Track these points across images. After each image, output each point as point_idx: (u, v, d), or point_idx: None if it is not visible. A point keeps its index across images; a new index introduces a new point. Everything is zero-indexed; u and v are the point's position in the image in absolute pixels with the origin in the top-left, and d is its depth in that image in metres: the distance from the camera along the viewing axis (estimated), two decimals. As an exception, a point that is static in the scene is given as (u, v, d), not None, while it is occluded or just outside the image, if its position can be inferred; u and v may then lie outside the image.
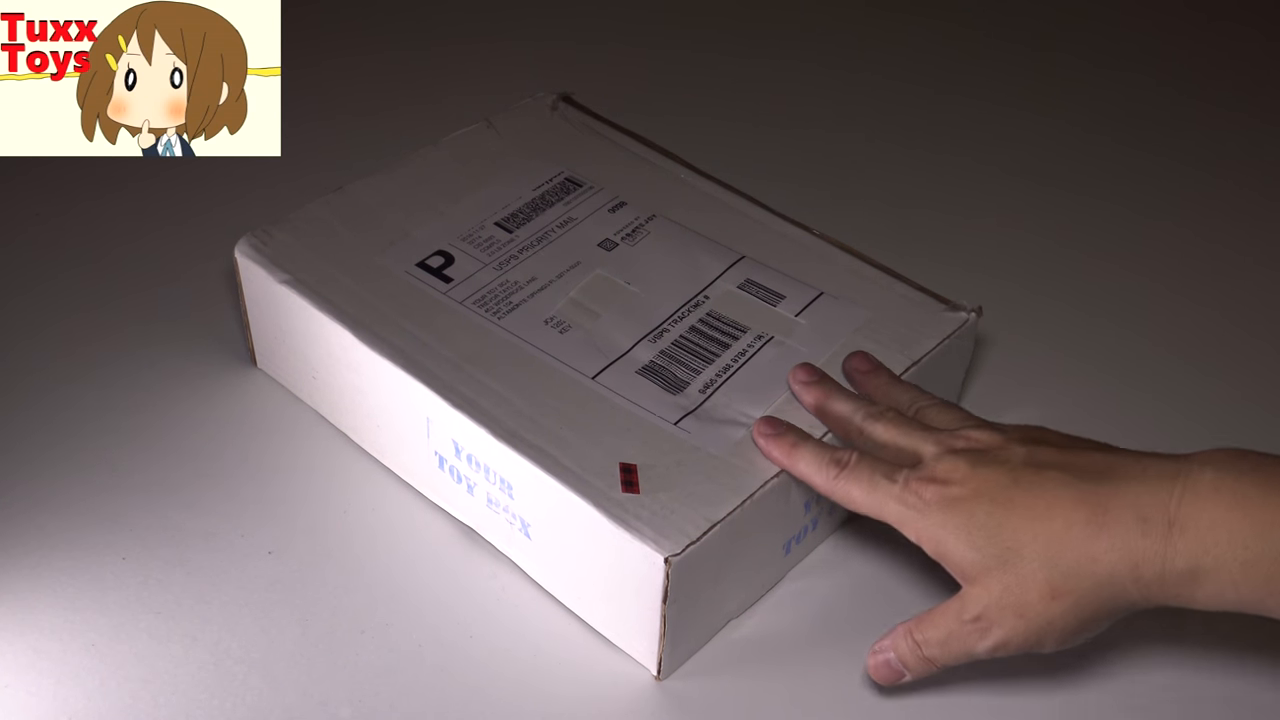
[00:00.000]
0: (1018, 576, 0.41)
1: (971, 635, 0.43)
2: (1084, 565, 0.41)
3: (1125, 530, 0.40)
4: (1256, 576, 0.38)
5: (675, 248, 0.57)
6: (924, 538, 0.43)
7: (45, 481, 0.54)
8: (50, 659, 0.48)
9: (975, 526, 0.42)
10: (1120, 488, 0.41)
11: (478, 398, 0.50)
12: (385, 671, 0.48)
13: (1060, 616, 0.41)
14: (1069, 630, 0.42)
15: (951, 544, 0.43)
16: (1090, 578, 0.41)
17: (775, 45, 0.85)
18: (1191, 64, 0.84)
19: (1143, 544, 0.40)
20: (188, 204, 0.69)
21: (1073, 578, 0.41)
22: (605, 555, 0.47)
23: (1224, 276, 0.68)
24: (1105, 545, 0.40)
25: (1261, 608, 0.39)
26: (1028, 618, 0.42)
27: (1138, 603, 0.41)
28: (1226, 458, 0.40)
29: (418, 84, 0.79)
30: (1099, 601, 0.41)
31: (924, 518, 0.43)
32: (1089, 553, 0.40)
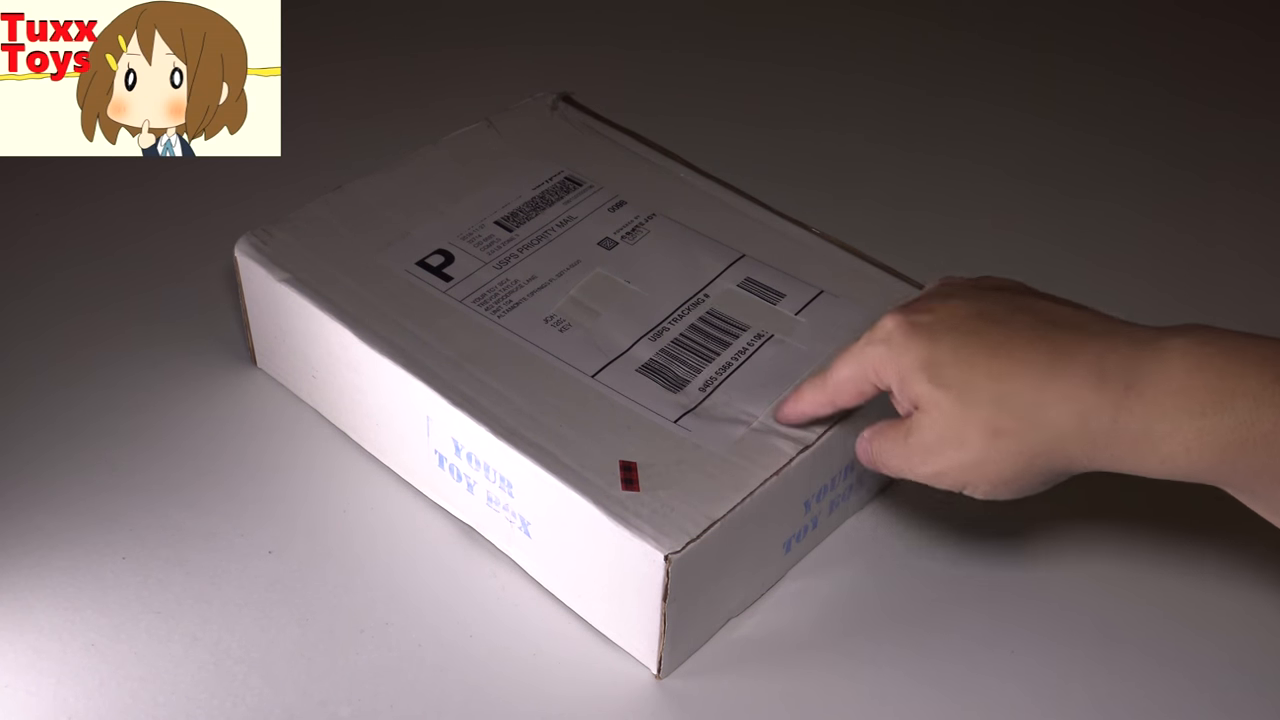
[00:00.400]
0: (963, 409, 0.41)
1: (912, 456, 0.43)
2: (1031, 409, 0.39)
3: (1080, 381, 0.39)
4: (1212, 444, 0.37)
5: (675, 246, 0.57)
6: (888, 368, 0.43)
7: (45, 481, 0.54)
8: (50, 659, 0.48)
9: (934, 354, 0.41)
10: (1085, 341, 0.40)
11: (478, 396, 0.50)
12: (385, 671, 0.48)
13: (998, 458, 0.40)
14: (1005, 475, 0.41)
15: (909, 369, 0.42)
16: (1035, 422, 0.39)
17: (775, 46, 0.85)
18: (1187, 64, 0.84)
19: (1095, 397, 0.38)
20: (188, 204, 0.69)
21: (1017, 418, 0.40)
22: (605, 553, 0.47)
23: (1222, 278, 0.68)
24: (1057, 393, 0.39)
25: (1211, 476, 0.38)
26: (966, 452, 0.41)
27: (1079, 461, 0.40)
28: (1199, 330, 0.39)
29: (418, 84, 0.79)
30: (1039, 450, 0.40)
31: (889, 347, 0.43)
32: (1039, 396, 0.39)
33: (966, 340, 0.41)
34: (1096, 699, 0.48)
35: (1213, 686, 0.49)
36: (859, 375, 0.45)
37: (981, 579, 0.52)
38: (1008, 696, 0.48)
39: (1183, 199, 0.73)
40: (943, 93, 0.81)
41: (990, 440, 0.40)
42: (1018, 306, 0.42)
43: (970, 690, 0.48)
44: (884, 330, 0.43)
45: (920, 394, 0.42)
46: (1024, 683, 0.49)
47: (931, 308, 0.43)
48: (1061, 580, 0.52)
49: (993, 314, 0.42)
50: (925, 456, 0.42)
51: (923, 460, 0.42)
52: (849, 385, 0.45)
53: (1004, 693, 0.48)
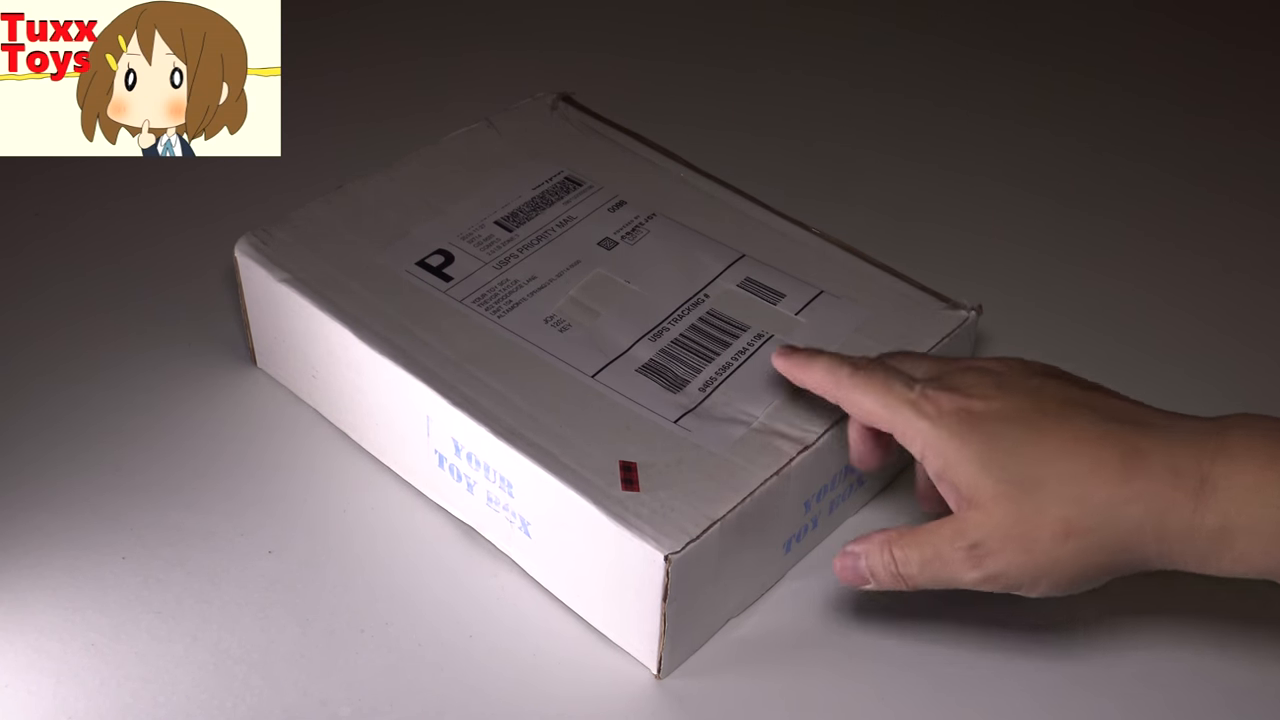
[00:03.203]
0: (1034, 508, 0.38)
1: (962, 563, 0.40)
2: (1108, 508, 0.38)
3: (1157, 479, 0.37)
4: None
5: (675, 246, 0.57)
6: (932, 450, 0.40)
7: (46, 481, 0.54)
8: (50, 659, 0.48)
9: (996, 448, 0.39)
10: (1153, 436, 0.38)
11: (478, 396, 0.50)
12: (385, 671, 0.48)
13: (1068, 558, 0.38)
14: (1070, 575, 0.39)
15: (964, 462, 0.39)
16: (1112, 522, 0.38)
17: (775, 50, 0.85)
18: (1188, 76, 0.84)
19: (1174, 496, 0.37)
20: (188, 204, 0.69)
21: (1094, 518, 0.38)
22: (605, 553, 0.47)
23: (1220, 284, 0.68)
24: (1134, 491, 0.37)
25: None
26: (1033, 554, 0.38)
27: (1151, 560, 0.38)
28: (1256, 421, 0.38)
29: (418, 84, 0.79)
30: (1113, 550, 0.38)
31: (937, 428, 0.40)
32: (1116, 495, 0.37)
33: (1031, 436, 0.39)
34: (1097, 699, 0.48)
35: (1213, 683, 0.49)
36: (884, 419, 0.42)
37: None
38: (1008, 696, 0.48)
39: (1183, 209, 0.73)
40: (944, 101, 0.81)
41: (1061, 542, 0.38)
42: (1070, 399, 0.40)
43: (970, 690, 0.48)
44: (934, 405, 0.40)
45: (979, 490, 0.39)
46: (1024, 683, 0.49)
47: (985, 395, 0.40)
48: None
49: (1048, 409, 0.40)
50: (979, 560, 0.39)
51: (974, 564, 0.39)
52: (864, 413, 0.43)
53: (1004, 693, 0.48)
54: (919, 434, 0.40)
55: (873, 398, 0.42)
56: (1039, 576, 0.39)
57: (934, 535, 0.40)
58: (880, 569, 0.42)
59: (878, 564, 0.42)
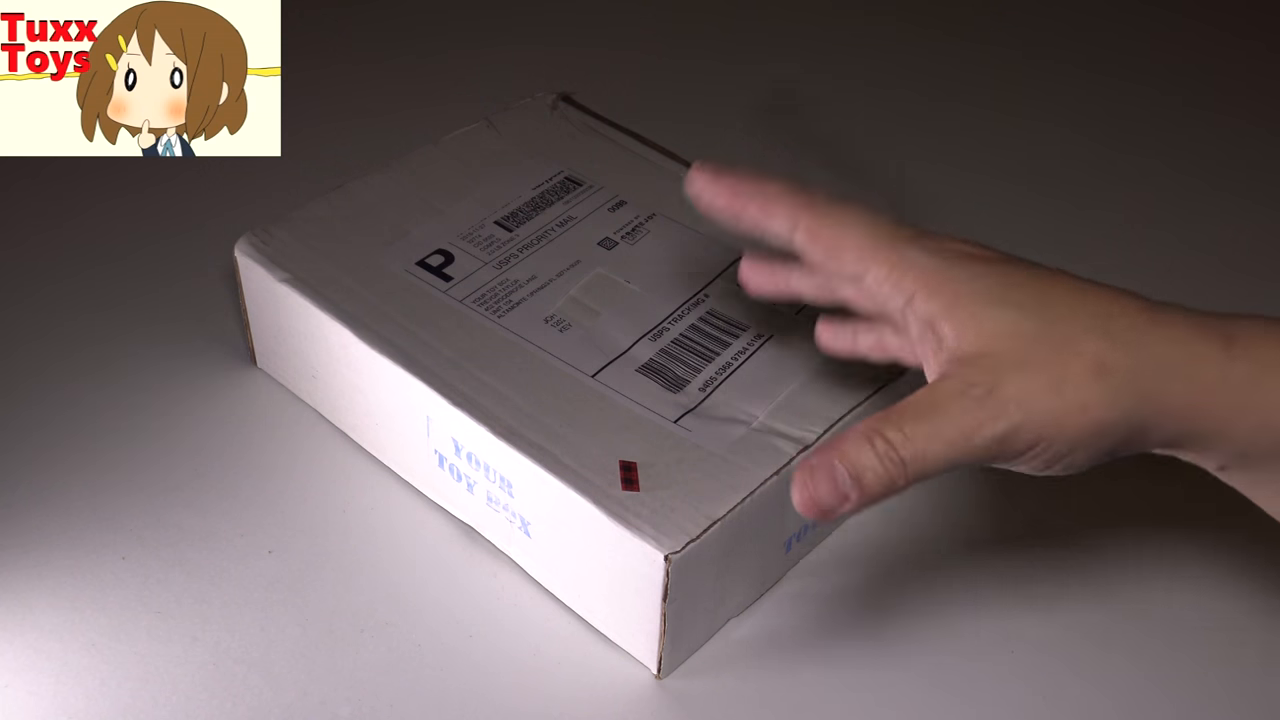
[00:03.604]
0: (1061, 340, 0.33)
1: (975, 416, 0.33)
2: (1140, 345, 0.33)
3: (1184, 325, 0.34)
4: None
5: (675, 246, 0.57)
6: (934, 285, 0.35)
7: (45, 481, 0.54)
8: (50, 659, 0.48)
9: (1013, 284, 0.34)
10: (1168, 304, 0.35)
11: (477, 396, 0.50)
12: (385, 671, 0.48)
13: (1099, 399, 0.33)
14: (1098, 426, 0.33)
15: (976, 296, 0.34)
16: (1148, 357, 0.33)
17: (774, 48, 0.85)
18: (1189, 70, 0.84)
19: (1202, 343, 0.34)
20: (188, 204, 0.69)
21: (1127, 354, 0.33)
22: (605, 553, 0.47)
23: (1222, 281, 0.68)
24: (1165, 335, 0.34)
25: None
26: (1063, 395, 0.33)
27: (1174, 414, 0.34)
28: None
29: (418, 83, 0.79)
30: (1144, 392, 0.33)
31: (942, 262, 0.35)
32: (1149, 336, 0.34)
33: (1045, 277, 0.35)
34: (1097, 699, 0.48)
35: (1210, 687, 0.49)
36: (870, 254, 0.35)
37: (982, 579, 0.52)
38: (1008, 697, 0.48)
39: (1185, 207, 0.73)
40: (941, 96, 0.81)
41: (1094, 379, 0.33)
42: None
43: (970, 690, 0.48)
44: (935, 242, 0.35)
45: (995, 323, 0.33)
46: (1024, 683, 0.49)
47: (984, 247, 0.36)
48: (1061, 581, 0.52)
49: (1060, 270, 0.36)
50: (997, 411, 0.33)
51: (992, 416, 0.33)
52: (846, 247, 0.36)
53: (1004, 693, 0.48)
54: (914, 268, 0.35)
55: (855, 225, 0.36)
56: (1063, 425, 0.33)
57: (935, 396, 0.34)
58: (872, 463, 0.34)
59: (866, 460, 0.34)
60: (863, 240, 0.36)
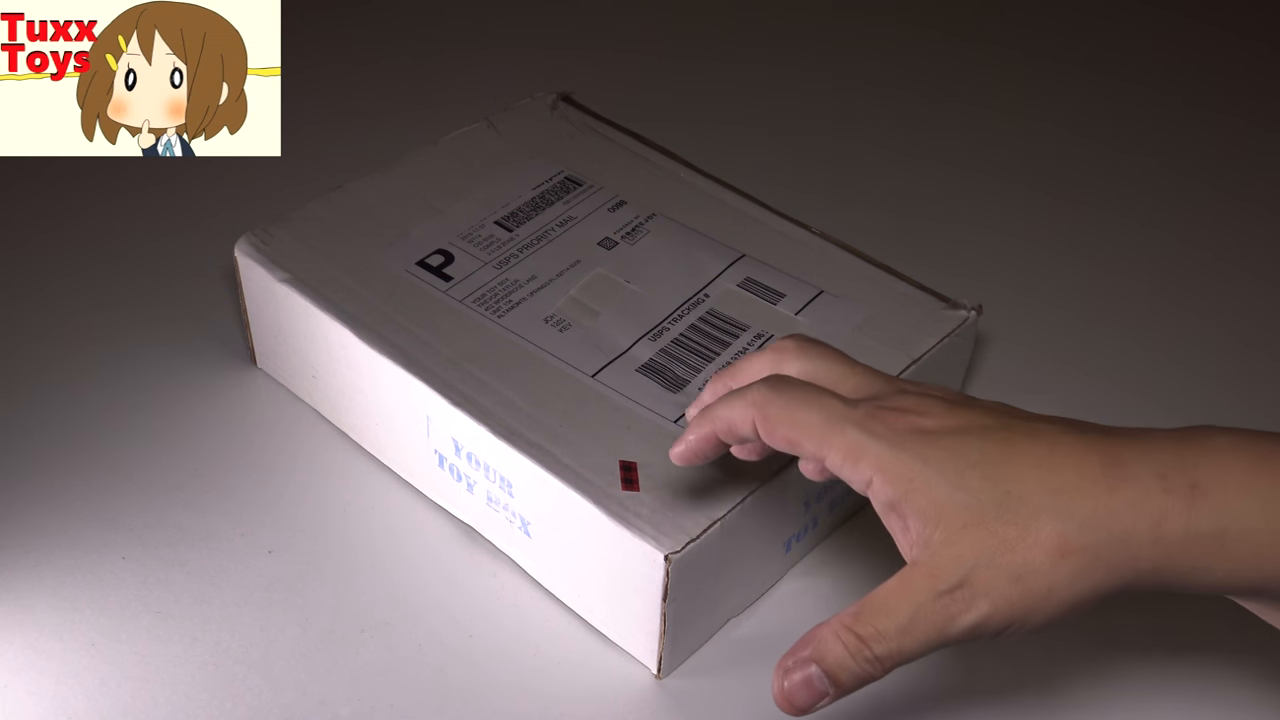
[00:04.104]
0: (1021, 529, 0.34)
1: (946, 611, 0.34)
2: (1101, 518, 0.34)
3: (1145, 486, 0.34)
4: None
5: (675, 246, 0.57)
6: (887, 474, 0.35)
7: (45, 481, 0.54)
8: (50, 659, 0.48)
9: (966, 464, 0.34)
10: (1130, 443, 0.35)
11: (477, 396, 0.50)
12: (385, 671, 0.48)
13: (1065, 581, 0.34)
14: (1067, 601, 0.35)
15: (930, 483, 0.34)
16: (1107, 533, 0.34)
17: (774, 47, 0.85)
18: (1188, 70, 0.84)
19: (1165, 500, 0.34)
20: (188, 204, 0.69)
21: (1089, 531, 0.34)
22: (605, 553, 0.47)
23: (1222, 280, 0.68)
24: (1125, 500, 0.34)
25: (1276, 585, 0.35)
26: (1025, 582, 0.34)
27: (1146, 574, 0.35)
28: (1229, 430, 0.36)
29: (418, 83, 0.79)
30: (1110, 565, 0.34)
31: (893, 448, 0.35)
32: (1107, 505, 0.34)
33: (1000, 450, 0.35)
34: (1097, 699, 0.48)
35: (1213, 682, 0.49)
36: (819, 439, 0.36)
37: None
38: (1008, 696, 0.48)
39: (1188, 206, 0.73)
40: (942, 96, 0.81)
41: (1057, 562, 0.34)
42: (1031, 415, 0.36)
43: (970, 690, 0.48)
44: (883, 424, 0.35)
45: (951, 515, 0.34)
46: (1024, 683, 0.49)
47: (938, 414, 0.36)
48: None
49: (1013, 423, 0.36)
50: (967, 602, 0.34)
51: (960, 610, 0.34)
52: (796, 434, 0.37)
53: (1004, 693, 0.48)
54: (869, 455, 0.35)
55: (805, 414, 0.36)
56: (1032, 609, 0.35)
57: (903, 592, 0.35)
58: (846, 662, 0.35)
59: (840, 658, 0.35)
60: (816, 428, 0.37)
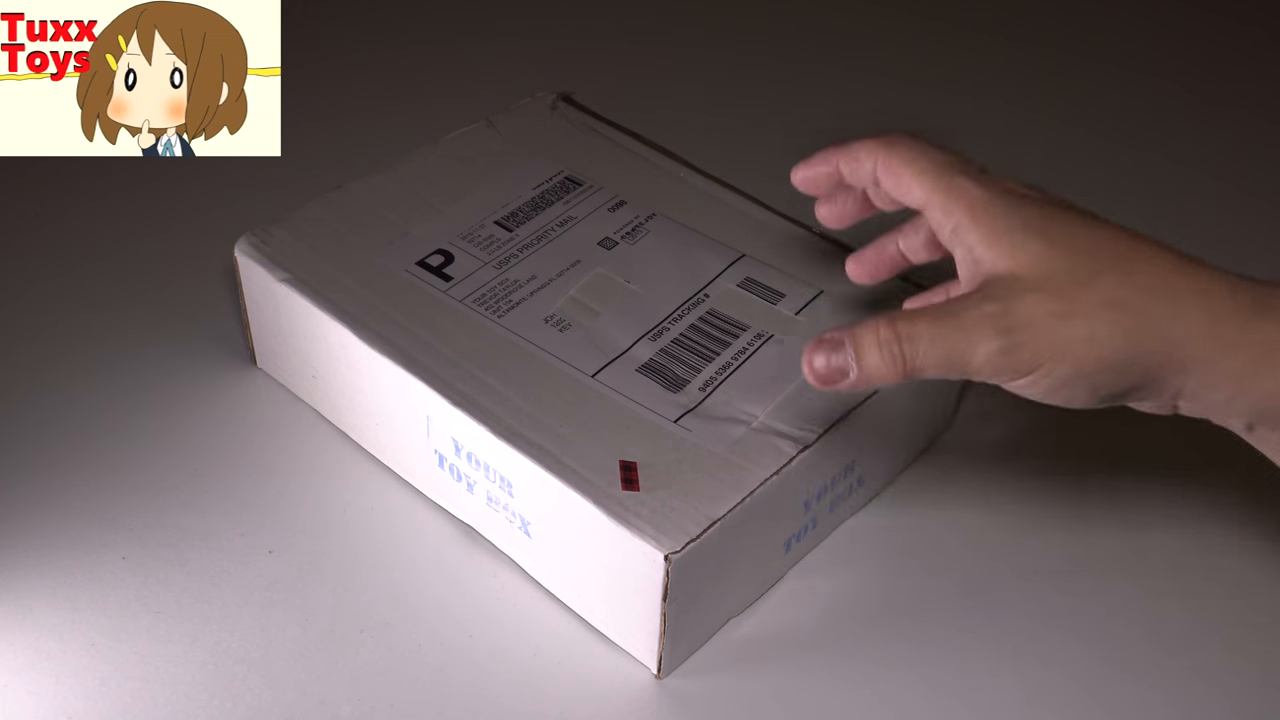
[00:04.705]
0: (1083, 272, 0.35)
1: (983, 330, 0.35)
2: (1163, 292, 0.35)
3: (1214, 284, 0.35)
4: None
5: (675, 246, 0.57)
6: (983, 220, 0.37)
7: (45, 481, 0.54)
8: (50, 659, 0.48)
9: (1054, 223, 0.36)
10: (1206, 264, 0.36)
11: (477, 396, 0.50)
12: (385, 671, 0.48)
13: (1106, 335, 0.34)
14: (1098, 360, 0.35)
15: (1012, 228, 0.36)
16: (1164, 304, 0.35)
17: (775, 45, 0.85)
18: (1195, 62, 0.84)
19: (1230, 303, 0.35)
20: (188, 204, 0.69)
21: (1145, 296, 0.35)
22: (605, 553, 0.47)
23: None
24: (1188, 284, 0.35)
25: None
26: (1068, 321, 0.34)
27: (1188, 368, 0.35)
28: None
29: (418, 84, 0.79)
30: (1157, 337, 0.34)
31: (990, 194, 0.37)
32: (1170, 283, 0.35)
33: (1085, 222, 0.36)
34: (1097, 699, 0.48)
35: (1213, 683, 0.49)
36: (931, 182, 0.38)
37: (981, 578, 0.52)
38: (1008, 696, 0.48)
39: (1191, 203, 0.73)
40: (943, 92, 0.81)
41: (1105, 311, 0.34)
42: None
43: (970, 690, 0.48)
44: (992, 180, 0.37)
45: (1023, 250, 0.35)
46: (1024, 683, 0.49)
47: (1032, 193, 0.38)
48: (1062, 580, 0.52)
49: (1103, 219, 0.37)
50: (1006, 326, 0.35)
51: (999, 329, 0.35)
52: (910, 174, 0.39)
53: (1004, 693, 0.48)
54: (965, 198, 0.37)
55: (924, 160, 0.39)
56: (1065, 352, 0.35)
57: (951, 304, 0.36)
58: (875, 351, 0.36)
59: (870, 345, 0.37)
60: (926, 171, 0.39)
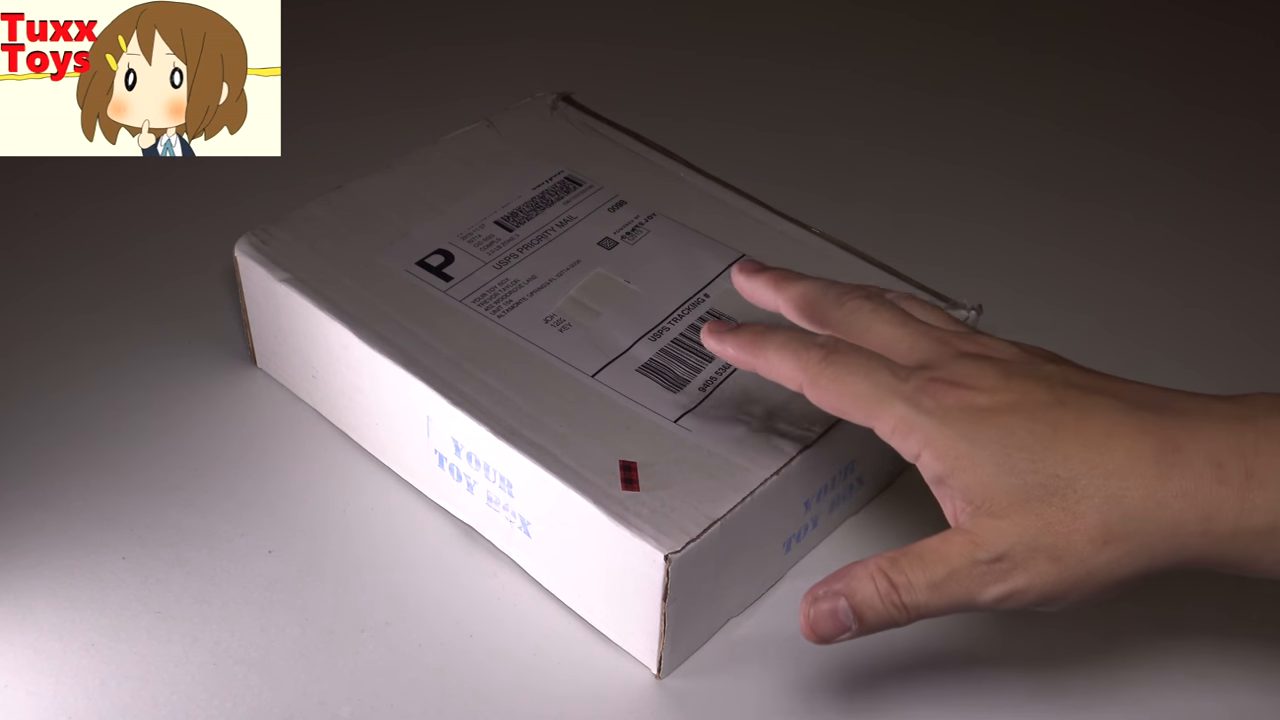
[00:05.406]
0: (1065, 513, 0.34)
1: (982, 579, 0.35)
2: (1150, 509, 0.34)
3: (1199, 474, 0.34)
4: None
5: (675, 246, 0.57)
6: (935, 451, 0.35)
7: (45, 481, 0.54)
8: (50, 659, 0.48)
9: (1014, 445, 0.34)
10: (1186, 425, 0.35)
11: (477, 396, 0.50)
12: (385, 671, 0.48)
13: (1104, 566, 0.34)
14: (1104, 585, 0.35)
15: (977, 463, 0.35)
16: (1155, 524, 0.34)
17: (775, 46, 0.85)
18: (1191, 65, 0.84)
19: (1219, 491, 0.34)
20: (188, 204, 0.69)
21: (1135, 520, 0.34)
22: (605, 553, 0.47)
23: (1226, 278, 0.68)
24: (1176, 489, 0.34)
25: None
26: (1064, 563, 0.34)
27: (1190, 561, 0.35)
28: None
29: (418, 83, 0.79)
30: (1153, 554, 0.34)
31: (942, 426, 0.35)
32: (1157, 495, 0.34)
33: (1051, 431, 0.35)
34: (1097, 699, 0.48)
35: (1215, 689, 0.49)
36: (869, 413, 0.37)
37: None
38: (1008, 696, 0.48)
39: (1190, 202, 0.73)
40: (942, 93, 0.81)
41: (1099, 549, 0.34)
42: (1088, 387, 0.36)
43: (970, 690, 0.48)
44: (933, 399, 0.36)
45: (997, 495, 0.35)
46: (1024, 682, 0.49)
47: (991, 386, 0.36)
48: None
49: (1067, 399, 0.35)
50: (1003, 575, 0.35)
51: (997, 579, 0.35)
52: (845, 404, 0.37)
53: (1004, 693, 0.48)
54: (917, 431, 0.36)
55: (855, 383, 0.37)
56: (1069, 590, 0.35)
57: (943, 551, 0.36)
58: (874, 602, 0.37)
59: (869, 597, 0.37)
60: (865, 400, 0.37)
